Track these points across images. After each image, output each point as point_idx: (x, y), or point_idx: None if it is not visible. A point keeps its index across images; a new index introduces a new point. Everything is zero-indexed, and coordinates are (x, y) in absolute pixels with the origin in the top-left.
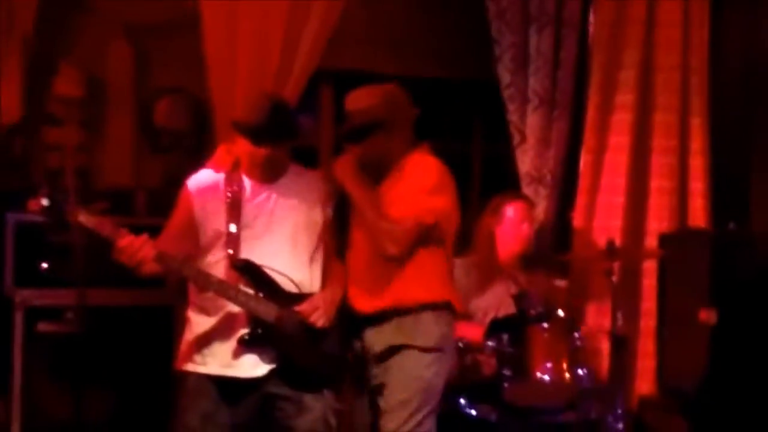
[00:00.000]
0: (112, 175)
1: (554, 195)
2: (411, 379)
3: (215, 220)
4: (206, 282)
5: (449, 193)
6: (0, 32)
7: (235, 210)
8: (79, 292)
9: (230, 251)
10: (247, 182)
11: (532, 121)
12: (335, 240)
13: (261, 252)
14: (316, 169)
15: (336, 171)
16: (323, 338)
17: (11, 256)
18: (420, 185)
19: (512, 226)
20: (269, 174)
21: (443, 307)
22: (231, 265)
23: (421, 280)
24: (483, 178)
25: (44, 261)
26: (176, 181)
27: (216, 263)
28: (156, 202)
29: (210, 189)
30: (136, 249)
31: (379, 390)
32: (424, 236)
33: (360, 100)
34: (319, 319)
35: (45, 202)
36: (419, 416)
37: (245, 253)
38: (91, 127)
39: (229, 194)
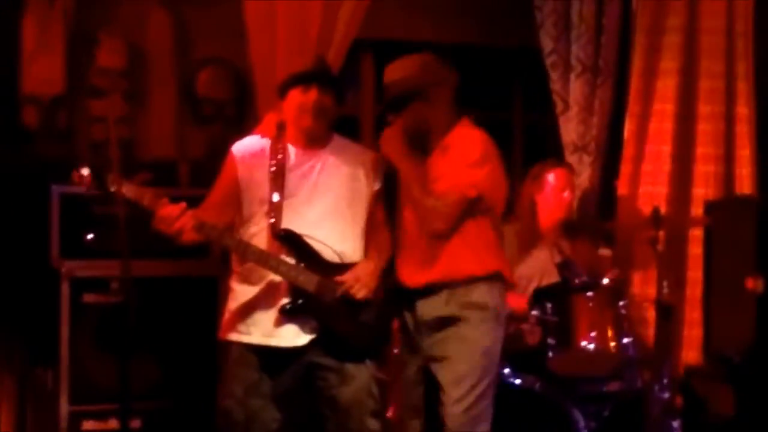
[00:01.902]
0: (155, 147)
1: (598, 163)
2: (470, 350)
3: (259, 188)
4: (247, 252)
5: (493, 164)
6: (41, 4)
7: (279, 178)
8: (124, 263)
9: (272, 220)
10: (291, 151)
11: (575, 88)
12: (384, 212)
13: (303, 221)
14: (361, 142)
15: (383, 145)
16: (364, 309)
17: (57, 227)
18: (463, 159)
19: (553, 193)
20: (314, 138)
21: (494, 278)
22: (273, 235)
23: (470, 252)
24: (524, 148)
25: (89, 232)
26: (218, 151)
27: (258, 233)
28: (198, 173)
29: (255, 156)
30: (175, 218)
31: (435, 361)
32: (469, 209)
33: (397, 70)
34: (360, 290)
35: (86, 172)
36: (482, 387)
37: (287, 223)
38: (133, 98)
39: (274, 162)
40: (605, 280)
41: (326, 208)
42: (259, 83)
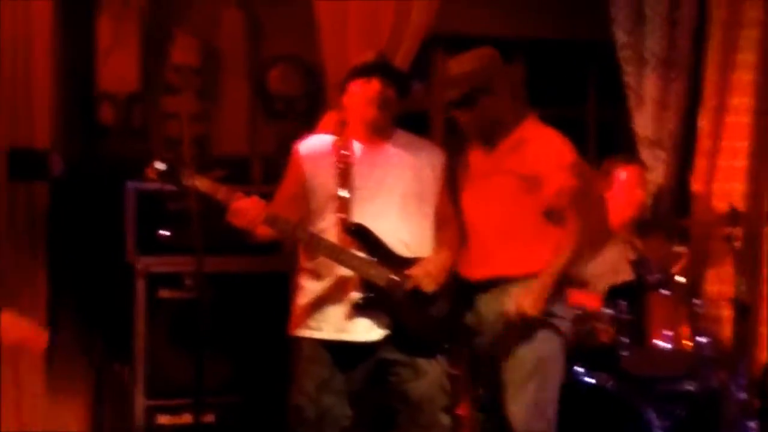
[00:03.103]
0: (227, 143)
1: (673, 158)
2: (535, 350)
3: (326, 184)
4: (319, 246)
5: (577, 166)
6: (116, 3)
7: (345, 173)
8: (198, 259)
9: (342, 215)
10: (356, 146)
11: (649, 82)
12: (451, 206)
13: (372, 215)
14: (431, 137)
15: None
16: (433, 303)
17: (132, 223)
18: (556, 160)
19: (624, 190)
20: (377, 130)
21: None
22: (343, 229)
23: (533, 249)
24: (598, 143)
25: (164, 228)
26: (290, 147)
27: (327, 228)
28: (271, 169)
29: (320, 153)
30: (249, 211)
31: (497, 361)
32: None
33: (459, 66)
34: (430, 284)
35: (160, 166)
36: (544, 388)
37: (356, 217)
38: (206, 95)
39: (339, 158)
40: (680, 278)
41: (394, 202)
42: (331, 79)
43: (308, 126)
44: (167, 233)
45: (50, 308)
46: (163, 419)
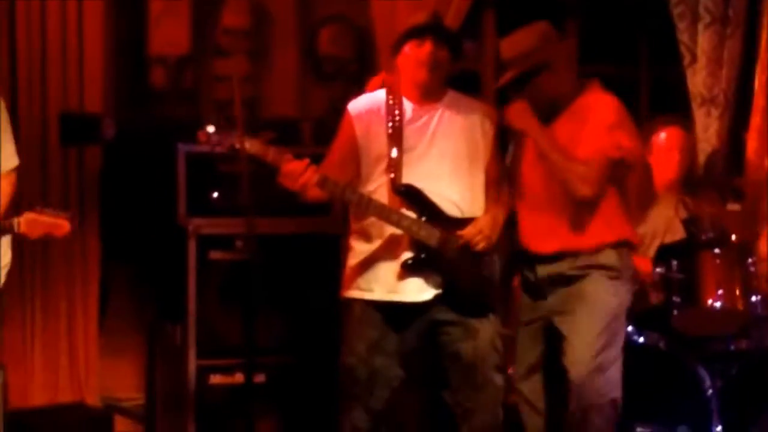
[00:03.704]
0: (278, 105)
1: (727, 116)
2: (596, 306)
3: (377, 144)
4: (369, 206)
5: (630, 128)
6: None
7: (396, 133)
8: (248, 220)
9: (392, 175)
10: (407, 105)
11: (704, 39)
12: (501, 166)
13: (422, 175)
14: (482, 97)
15: (512, 118)
16: (485, 262)
17: (183, 185)
18: (601, 122)
19: (661, 153)
20: (429, 92)
21: (623, 245)
22: (393, 190)
23: (601, 219)
24: (651, 101)
25: (215, 190)
26: (340, 109)
27: (377, 189)
28: (321, 131)
29: (371, 113)
30: (300, 173)
31: (559, 316)
32: (612, 173)
33: (516, 45)
34: (481, 242)
35: (211, 129)
36: (611, 344)
37: (407, 177)
38: (257, 57)
39: (391, 118)
40: (733, 237)
41: (445, 162)
42: (380, 41)
43: (358, 88)
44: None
45: (103, 270)
46: (215, 379)
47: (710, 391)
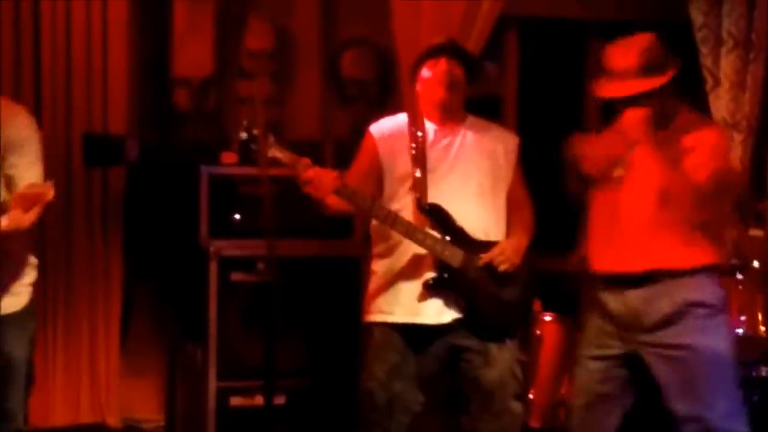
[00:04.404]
0: (301, 127)
1: (750, 141)
2: (712, 347)
3: (401, 164)
4: (396, 223)
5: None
6: None
7: (419, 154)
8: (270, 242)
9: (417, 195)
10: (429, 126)
11: (727, 64)
12: (526, 189)
13: (447, 196)
14: (504, 120)
15: (628, 129)
16: (507, 286)
17: (205, 207)
18: (708, 142)
19: None
20: (448, 111)
21: (716, 269)
22: (418, 209)
23: (699, 240)
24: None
25: (237, 212)
26: (362, 131)
27: (402, 209)
28: (343, 153)
29: (394, 134)
30: (321, 178)
31: (657, 358)
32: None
33: (625, 58)
34: (504, 265)
35: (243, 135)
36: (722, 387)
37: (431, 197)
38: (280, 79)
39: (414, 138)
40: (756, 263)
41: (468, 184)
42: (403, 63)
43: (380, 110)
44: (239, 217)
45: (125, 291)
46: (236, 401)
47: None
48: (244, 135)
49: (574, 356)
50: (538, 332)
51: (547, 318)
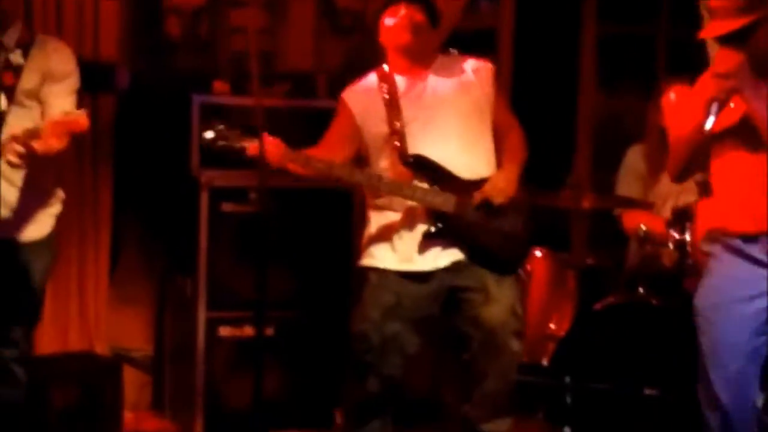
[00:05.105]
0: (293, 58)
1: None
2: None
3: (377, 123)
4: (380, 184)
5: None
6: None
7: (394, 107)
8: (261, 173)
9: (398, 149)
10: (399, 79)
11: None
12: (510, 113)
13: (429, 144)
14: (499, 56)
15: (722, 70)
16: (506, 218)
17: (197, 137)
18: None
19: (676, 111)
20: (415, 57)
21: None
22: (402, 163)
23: None
24: (669, 64)
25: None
26: (357, 62)
27: (387, 165)
28: (336, 85)
29: (366, 94)
30: (269, 150)
31: None
32: None
33: None
34: (499, 197)
35: (209, 135)
36: None
37: (413, 148)
38: (273, 9)
39: (385, 93)
40: None
41: (449, 125)
42: None
43: (375, 41)
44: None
45: (115, 221)
46: (224, 331)
47: None
48: (209, 134)
49: (563, 291)
50: (528, 267)
51: (537, 253)
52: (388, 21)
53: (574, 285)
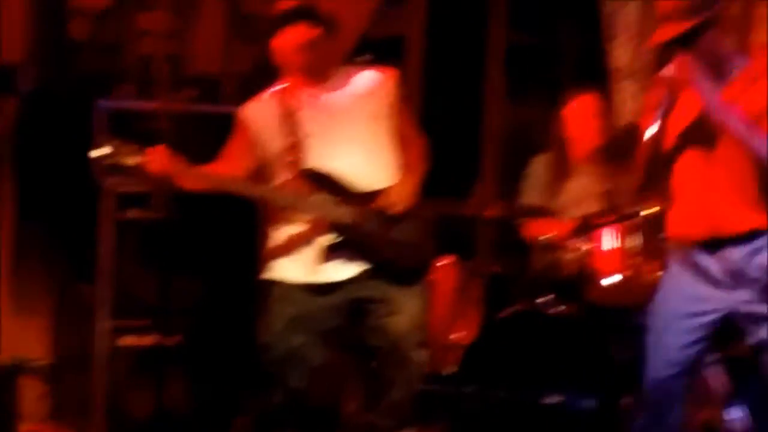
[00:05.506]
0: (202, 62)
1: (647, 90)
2: None
3: (275, 136)
4: (277, 199)
5: None
6: None
7: (292, 121)
8: (165, 184)
9: (297, 163)
10: (298, 92)
11: (626, 13)
12: (412, 123)
13: (330, 156)
14: (407, 64)
15: (678, 73)
16: (406, 227)
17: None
18: None
19: (581, 121)
20: (313, 73)
21: None
22: (300, 176)
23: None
24: (573, 73)
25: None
26: (265, 68)
27: (285, 179)
28: (245, 89)
29: (263, 110)
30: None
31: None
32: None
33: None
34: (395, 206)
35: (107, 150)
36: None
37: (314, 161)
38: (181, 12)
39: (283, 108)
40: (647, 211)
41: (349, 138)
42: None
43: None
44: None
45: (16, 226)
46: (127, 340)
47: (622, 362)
48: (97, 152)
49: (469, 299)
50: (434, 276)
51: (444, 262)
52: (279, 42)
53: (479, 293)
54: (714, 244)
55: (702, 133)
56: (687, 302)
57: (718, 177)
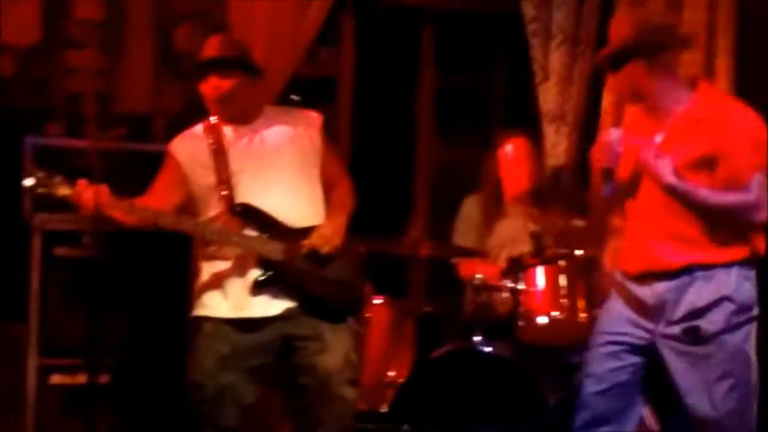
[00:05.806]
0: (131, 100)
1: (576, 134)
2: (724, 351)
3: (205, 173)
4: (207, 232)
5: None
6: None
7: (221, 158)
8: (96, 216)
9: (227, 199)
10: (226, 129)
11: (555, 57)
12: (339, 164)
13: (257, 192)
14: (339, 104)
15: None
16: (335, 266)
17: None
18: (746, 136)
19: (513, 163)
20: (238, 118)
21: (753, 264)
22: (230, 212)
23: (736, 232)
24: (504, 116)
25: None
26: (196, 107)
27: (216, 215)
28: (175, 128)
29: (193, 145)
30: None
31: (677, 354)
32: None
33: (617, 25)
34: (326, 246)
35: (29, 182)
36: (742, 392)
37: (243, 197)
38: (110, 50)
39: (213, 144)
40: (578, 252)
41: (277, 176)
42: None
43: None
44: None
45: None
46: (57, 378)
47: (551, 402)
48: (29, 181)
49: (402, 338)
50: (367, 315)
51: (377, 301)
52: (204, 89)
53: (412, 332)
54: (647, 277)
55: (640, 177)
56: (609, 330)
57: (656, 214)
